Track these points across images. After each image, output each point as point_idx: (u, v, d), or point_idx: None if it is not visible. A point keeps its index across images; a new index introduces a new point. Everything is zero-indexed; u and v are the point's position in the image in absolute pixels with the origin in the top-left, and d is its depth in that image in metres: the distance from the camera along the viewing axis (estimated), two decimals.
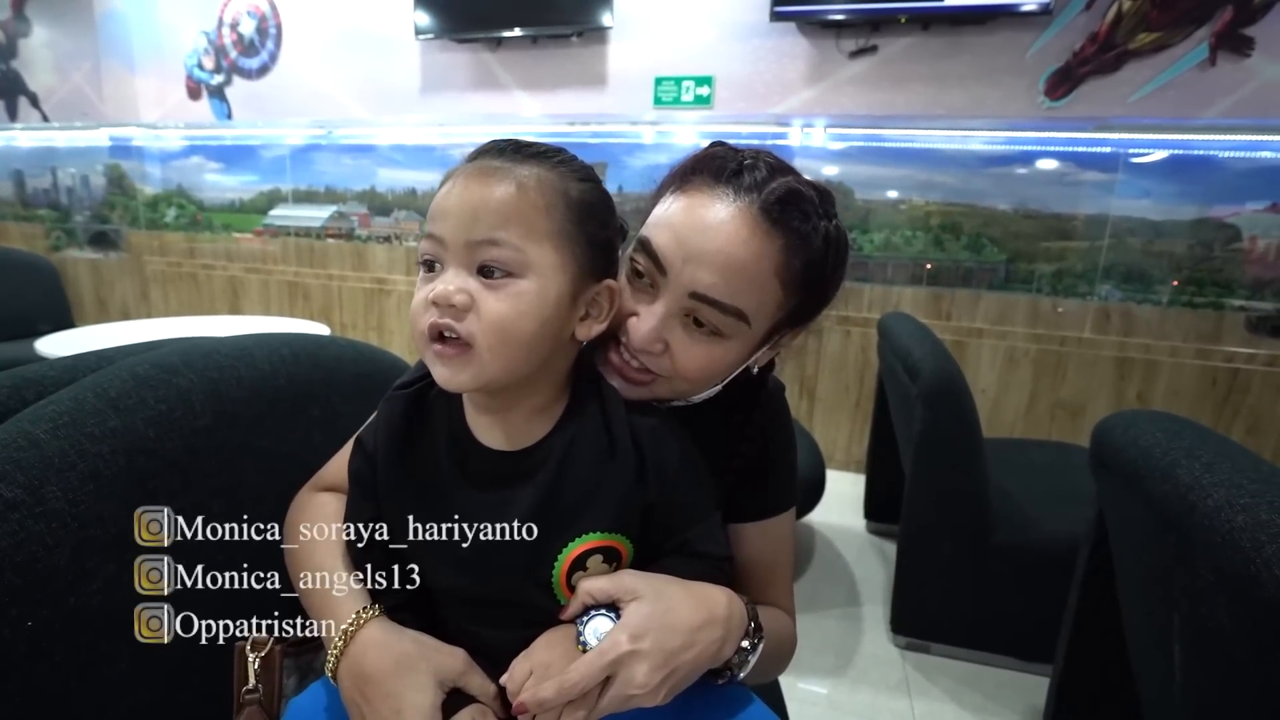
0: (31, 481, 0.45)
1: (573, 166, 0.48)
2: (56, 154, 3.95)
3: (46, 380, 0.57)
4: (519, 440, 0.49)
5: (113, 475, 0.51)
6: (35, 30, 3.87)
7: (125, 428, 0.53)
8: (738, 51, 2.53)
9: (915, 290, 2.43)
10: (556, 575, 0.47)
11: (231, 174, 3.51)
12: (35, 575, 0.44)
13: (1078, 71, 2.22)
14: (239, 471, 0.63)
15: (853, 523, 2.07)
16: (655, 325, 0.49)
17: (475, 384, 0.45)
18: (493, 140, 0.47)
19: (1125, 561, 0.78)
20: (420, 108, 3.04)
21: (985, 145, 2.34)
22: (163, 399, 0.57)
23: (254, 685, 0.49)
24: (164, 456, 0.56)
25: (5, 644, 0.42)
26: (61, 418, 0.50)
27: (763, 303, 0.50)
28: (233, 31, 3.34)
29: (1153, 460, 0.60)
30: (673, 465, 0.50)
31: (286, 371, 0.72)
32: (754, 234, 0.48)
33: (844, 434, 2.57)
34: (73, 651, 0.46)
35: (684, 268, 0.48)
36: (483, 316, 0.43)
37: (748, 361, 0.54)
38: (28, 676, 0.43)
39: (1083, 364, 2.25)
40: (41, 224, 4.04)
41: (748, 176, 0.49)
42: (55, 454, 0.48)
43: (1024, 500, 1.39)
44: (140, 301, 3.76)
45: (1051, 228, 2.30)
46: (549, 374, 0.49)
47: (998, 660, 1.37)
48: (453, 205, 0.44)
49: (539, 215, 0.44)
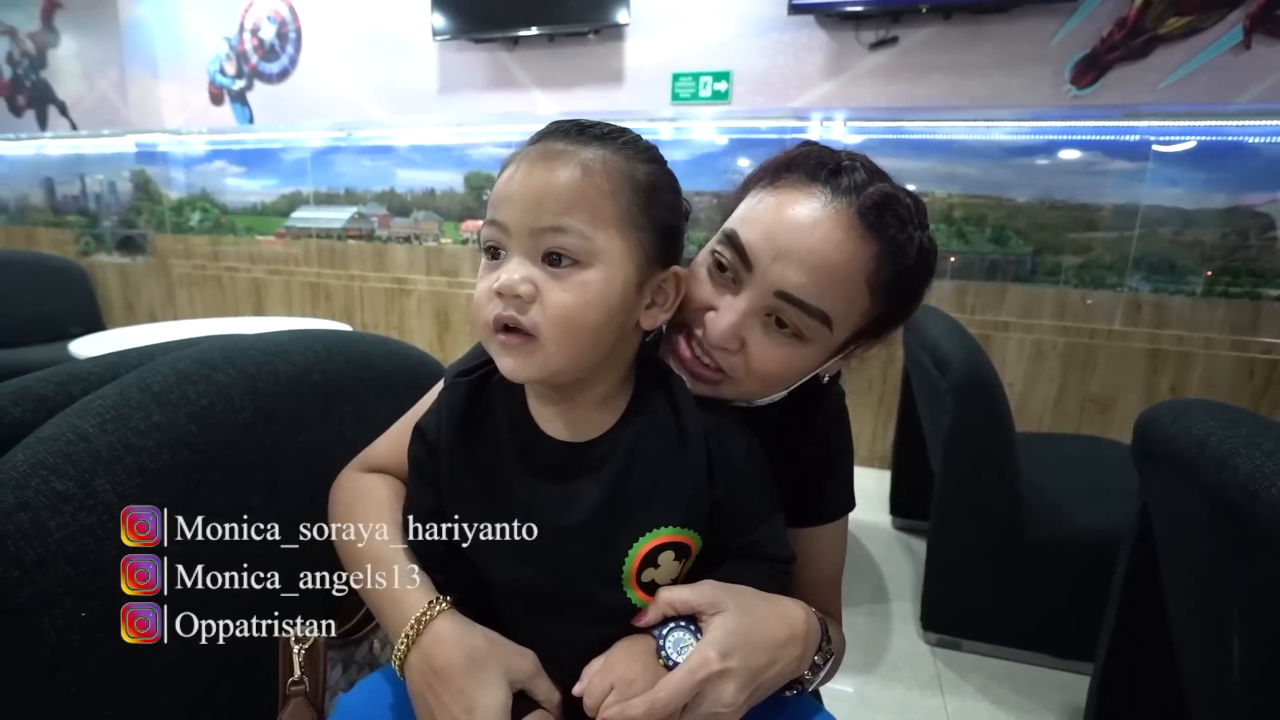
0: (82, 475, 0.46)
1: (638, 147, 0.46)
2: (85, 161, 4.03)
3: (91, 377, 0.58)
4: (584, 431, 0.48)
5: (158, 469, 0.51)
6: (63, 40, 3.96)
7: (169, 422, 0.54)
8: (755, 45, 2.52)
9: (939, 284, 2.40)
10: (627, 571, 0.46)
11: (254, 177, 3.56)
12: (87, 567, 0.44)
13: (1105, 59, 2.17)
14: (277, 466, 0.63)
15: (878, 519, 2.05)
16: (736, 321, 0.48)
17: (541, 375, 0.44)
18: (555, 121, 0.46)
19: (1173, 555, 0.76)
20: (438, 108, 3.06)
21: (1009, 136, 2.30)
22: (204, 394, 0.58)
23: (299, 677, 0.49)
24: (205, 450, 0.56)
25: (60, 634, 0.43)
26: (108, 412, 0.51)
27: (849, 308, 0.48)
28: (254, 37, 3.39)
29: (1207, 449, 0.58)
30: (740, 463, 0.49)
31: (320, 367, 0.72)
32: (848, 237, 0.47)
33: (867, 429, 2.54)
34: (123, 643, 0.47)
35: (772, 265, 0.47)
36: (548, 308, 0.42)
37: (819, 369, 0.53)
38: (82, 667, 0.44)
39: (1113, 357, 2.20)
40: (71, 230, 4.13)
41: (845, 178, 0.48)
42: (103, 448, 0.48)
43: (1057, 494, 1.36)
44: (166, 304, 3.83)
45: (1078, 218, 2.25)
46: (613, 364, 0.48)
47: (1031, 657, 1.34)
48: (516, 190, 0.42)
49: (605, 200, 0.42)
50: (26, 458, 0.45)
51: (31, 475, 0.44)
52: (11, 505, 0.42)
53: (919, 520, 1.92)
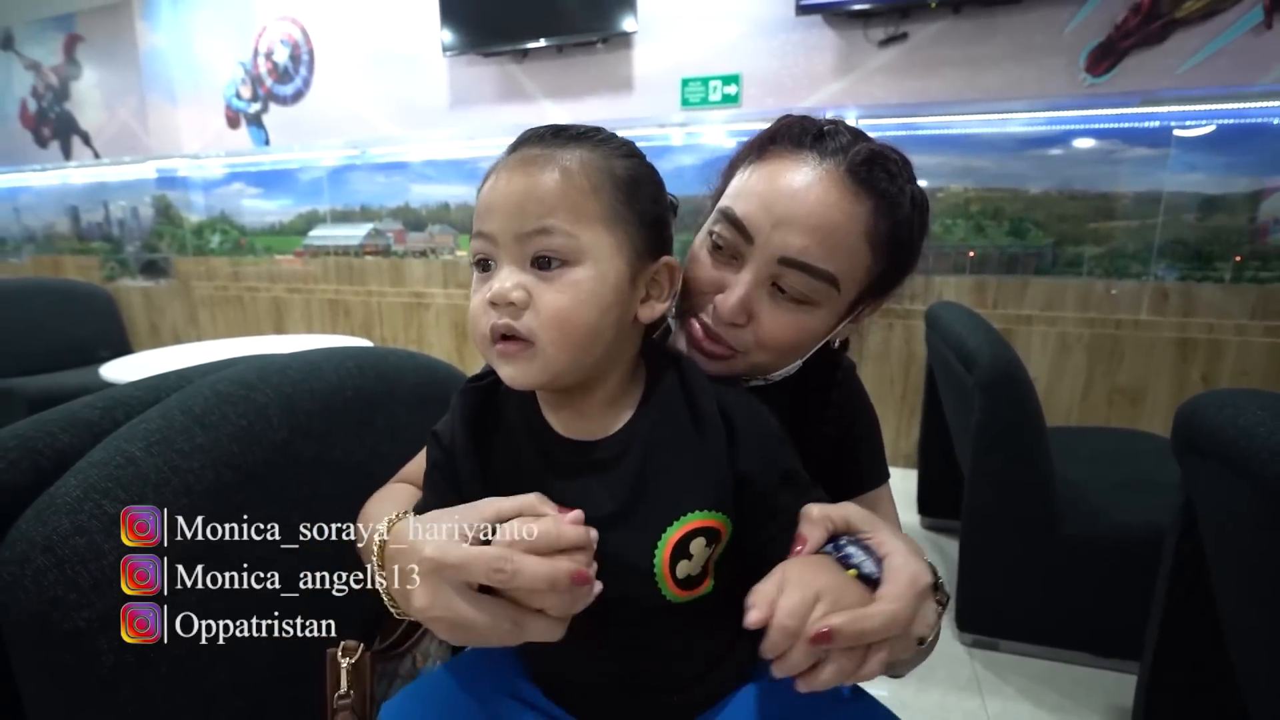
0: (131, 497, 0.47)
1: (614, 144, 0.47)
2: (108, 189, 4.13)
3: (134, 401, 0.59)
4: (599, 429, 0.48)
5: (203, 489, 0.52)
6: (85, 72, 4.06)
7: (211, 443, 0.54)
8: (764, 47, 2.52)
9: (959, 279, 2.37)
10: (659, 564, 0.44)
11: (271, 198, 3.62)
12: None
13: (1120, 45, 2.14)
14: (314, 483, 0.64)
15: (907, 518, 2.01)
16: (743, 294, 0.48)
17: (542, 380, 0.44)
18: (530, 129, 0.46)
19: (1222, 549, 0.74)
20: (449, 122, 3.10)
21: (1024, 127, 2.27)
22: (243, 414, 0.58)
23: (345, 691, 0.49)
24: (246, 470, 0.57)
25: (117, 655, 0.43)
26: (153, 435, 0.51)
27: (853, 266, 0.48)
28: (268, 60, 3.45)
29: (1258, 440, 0.57)
30: (769, 433, 0.47)
31: (352, 384, 0.73)
32: (843, 196, 0.47)
33: (890, 428, 2.52)
34: (176, 662, 0.47)
35: (773, 233, 0.47)
36: (541, 311, 0.42)
37: (831, 334, 0.53)
38: (138, 687, 0.44)
39: (1140, 347, 2.16)
40: (96, 256, 4.22)
41: (830, 141, 0.49)
42: (151, 470, 0.49)
43: (1091, 489, 1.33)
44: (190, 325, 3.90)
45: (1099, 208, 2.22)
46: (617, 360, 0.48)
47: (1072, 656, 1.31)
48: (498, 199, 0.43)
49: (587, 198, 0.42)
50: (79, 483, 0.46)
51: (84, 500, 0.45)
52: (67, 530, 0.43)
53: (948, 519, 1.89)
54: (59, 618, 0.41)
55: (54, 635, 0.41)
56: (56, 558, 0.42)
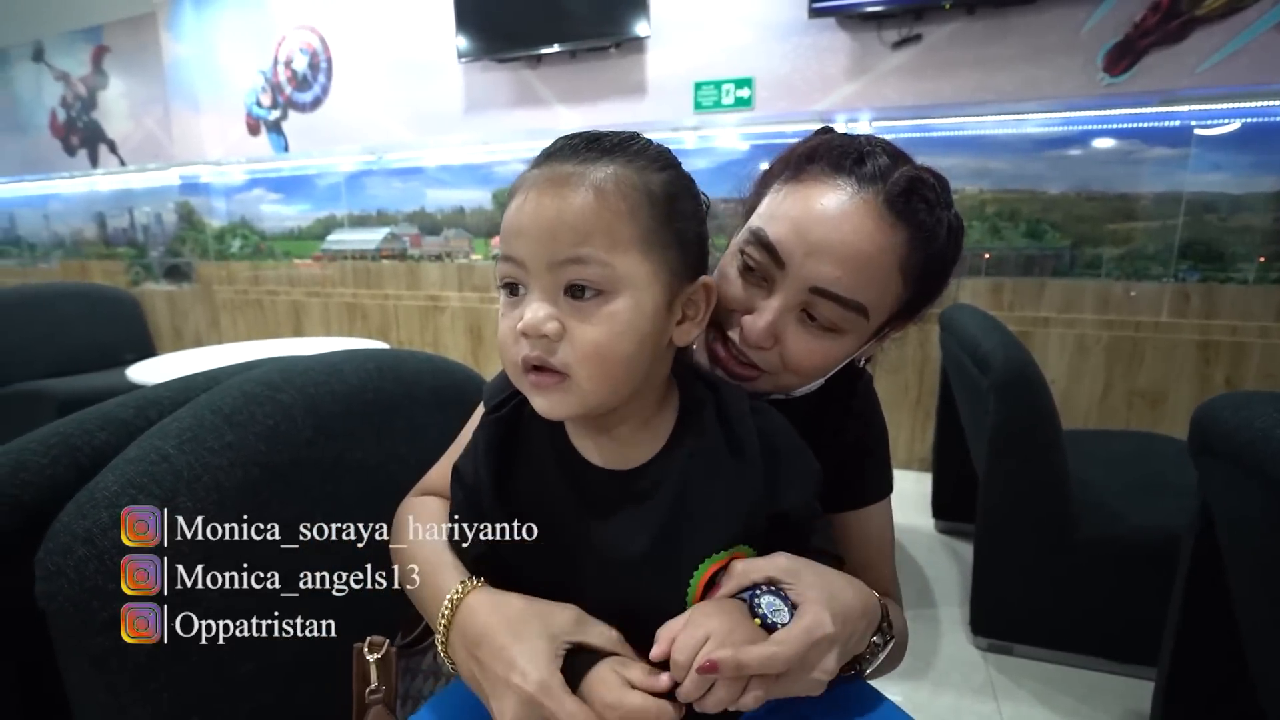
0: (165, 493, 0.49)
1: (650, 155, 0.43)
2: (133, 195, 4.23)
3: (165, 400, 0.61)
4: (632, 458, 0.46)
5: (232, 486, 0.54)
6: (112, 82, 4.17)
7: (240, 441, 0.56)
8: (777, 51, 2.52)
9: (974, 281, 2.36)
10: (691, 598, 0.44)
11: (290, 203, 3.68)
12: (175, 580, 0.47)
13: (1139, 44, 2.12)
14: (337, 481, 0.66)
15: (920, 522, 2.01)
16: (771, 320, 0.48)
17: (578, 412, 0.43)
18: (562, 137, 0.43)
19: (1238, 552, 0.73)
20: (464, 128, 3.13)
21: (1040, 128, 2.26)
22: (269, 414, 0.61)
23: (376, 685, 0.50)
24: (273, 468, 0.59)
25: (154, 644, 0.45)
26: (185, 434, 0.54)
27: (883, 296, 0.48)
28: (287, 68, 3.51)
29: (1274, 442, 0.57)
30: (810, 470, 0.48)
31: (373, 386, 0.75)
32: (879, 227, 0.46)
33: (904, 432, 2.50)
34: (207, 652, 0.49)
35: (805, 261, 0.47)
36: (577, 345, 0.40)
37: (855, 354, 0.53)
38: (171, 675, 0.46)
39: (1161, 349, 2.14)
40: (121, 261, 4.32)
41: (869, 165, 0.48)
42: (183, 467, 0.51)
43: (1108, 492, 1.32)
44: (211, 328, 3.98)
45: (1118, 209, 2.19)
46: (649, 384, 0.46)
47: (1089, 661, 1.30)
48: (528, 223, 0.40)
49: (622, 222, 0.40)
50: (116, 478, 0.48)
51: (121, 494, 0.47)
52: (106, 523, 0.45)
53: (962, 522, 1.88)
54: (99, 606, 0.43)
55: (94, 623, 0.43)
56: (96, 549, 0.44)
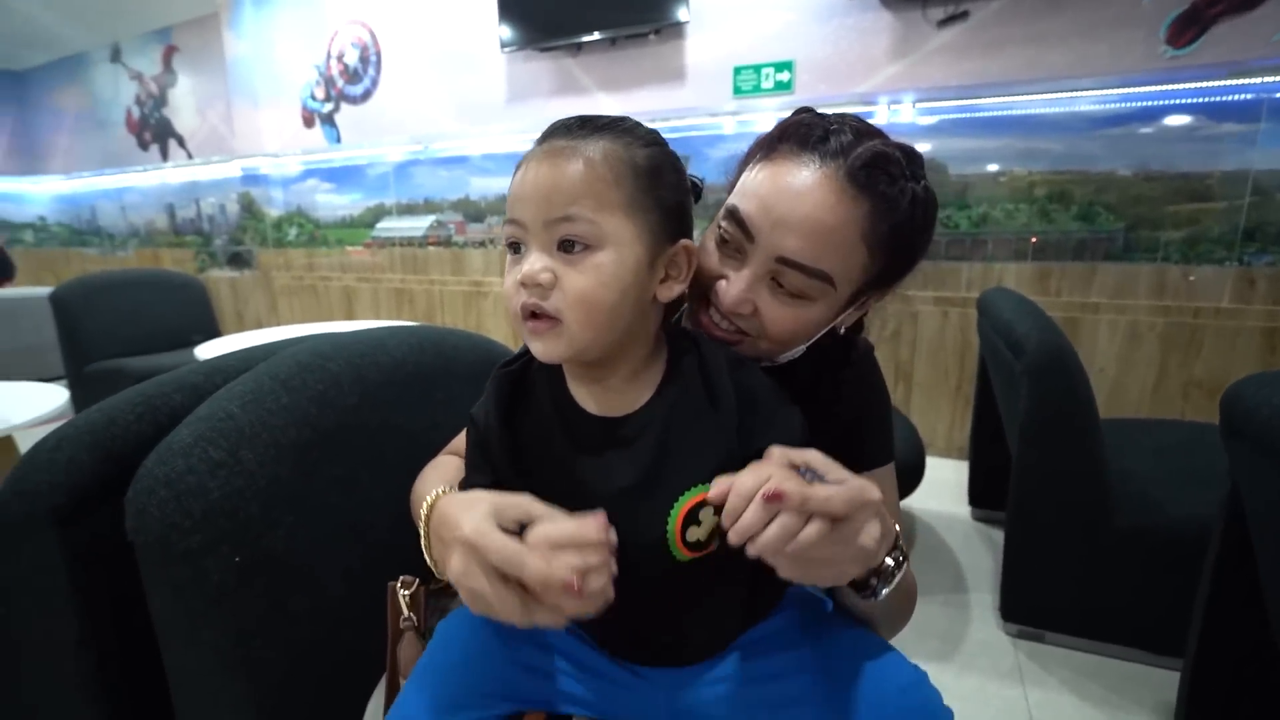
0: (232, 446, 0.55)
1: (637, 134, 0.49)
2: (199, 187, 4.48)
3: (230, 368, 0.68)
4: (622, 406, 0.51)
5: (288, 443, 0.60)
6: (180, 79, 4.41)
7: (294, 404, 0.63)
8: (818, 33, 2.49)
9: (1019, 266, 2.29)
10: (671, 531, 0.49)
11: (342, 193, 3.84)
12: (238, 521, 0.53)
13: (1206, 14, 2.01)
14: (380, 446, 0.72)
15: (957, 510, 1.99)
16: (743, 289, 0.52)
17: (569, 354, 0.48)
18: (559, 120, 0.49)
19: (1266, 538, 0.72)
20: (507, 117, 3.20)
21: (1095, 106, 2.16)
22: (320, 380, 0.67)
23: (408, 615, 0.56)
24: (322, 430, 0.65)
25: (221, 575, 0.52)
26: (247, 396, 0.60)
27: (848, 266, 0.51)
28: (339, 63, 3.65)
29: None
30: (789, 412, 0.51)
31: (414, 359, 0.81)
32: (840, 199, 0.49)
33: (944, 419, 2.46)
34: (266, 587, 0.55)
35: (771, 233, 0.50)
36: (567, 291, 0.46)
37: (834, 323, 0.55)
38: (236, 603, 0.53)
39: (1222, 337, 2.04)
40: (189, 249, 4.59)
41: (834, 141, 0.50)
42: (246, 425, 0.57)
43: (1150, 481, 1.29)
44: (270, 312, 4.19)
45: (1179, 189, 2.09)
46: (638, 337, 0.51)
47: (1120, 651, 1.28)
48: (528, 189, 0.46)
49: (608, 188, 0.46)
50: (189, 433, 0.54)
51: (194, 446, 0.53)
52: (181, 469, 0.51)
53: (999, 511, 1.85)
54: (176, 539, 0.50)
55: (173, 555, 0.50)
56: (174, 491, 0.50)
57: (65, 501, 0.52)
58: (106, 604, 0.55)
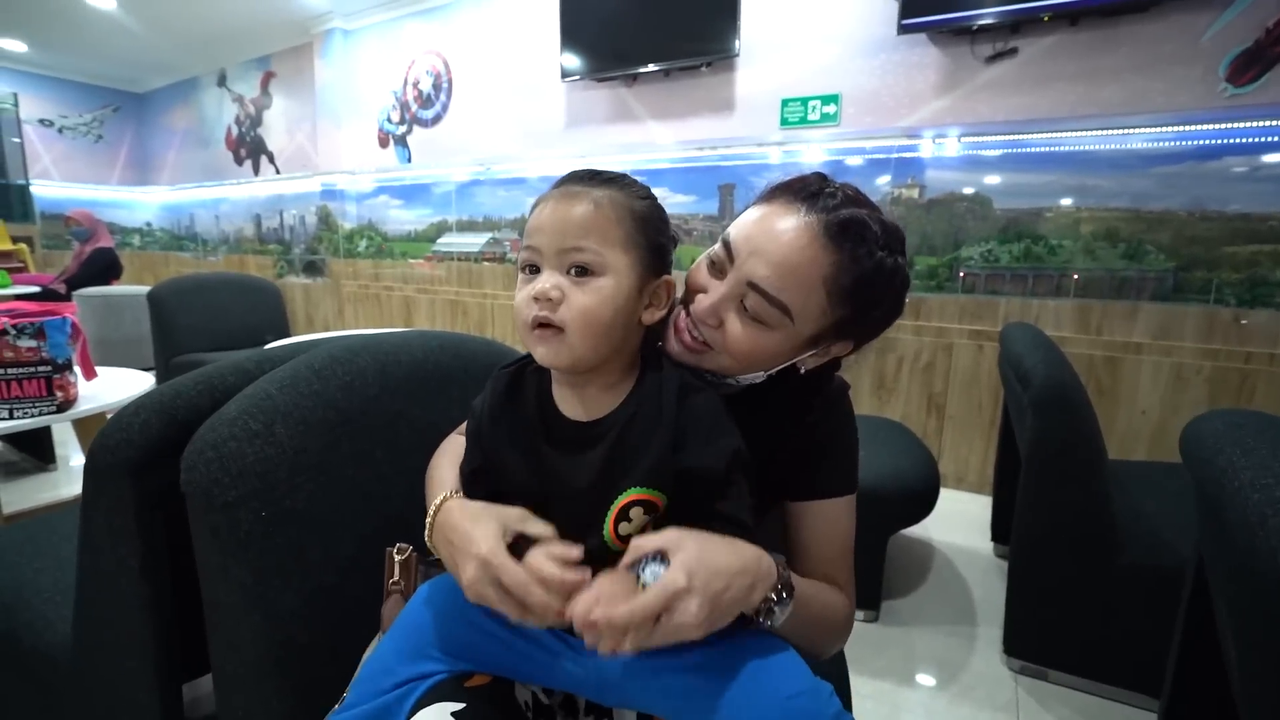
0: (268, 421, 0.67)
1: (635, 189, 0.59)
2: (283, 200, 4.88)
3: (276, 358, 0.81)
4: (593, 411, 0.59)
5: (315, 421, 0.71)
6: (275, 102, 4.84)
7: (323, 390, 0.74)
8: (864, 67, 2.54)
9: (1058, 303, 2.25)
10: (606, 523, 0.57)
11: (410, 209, 4.11)
12: (267, 482, 0.65)
13: (1271, 51, 1.96)
14: (397, 431, 0.83)
15: (979, 545, 1.96)
16: (715, 301, 0.60)
17: (568, 361, 0.56)
18: (573, 170, 0.59)
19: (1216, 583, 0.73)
20: (564, 142, 3.38)
21: (1148, 144, 2.12)
22: (348, 372, 0.78)
23: (397, 579, 0.66)
24: (346, 413, 0.76)
25: (250, 525, 0.63)
26: (284, 380, 0.72)
27: (807, 305, 0.58)
28: (414, 88, 3.94)
29: (1214, 467, 0.58)
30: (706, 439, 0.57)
31: (434, 360, 0.92)
32: (811, 244, 0.57)
33: (977, 454, 2.42)
34: (286, 539, 0.66)
35: (748, 260, 0.58)
36: (572, 306, 0.54)
37: (794, 360, 0.62)
38: (261, 550, 0.64)
39: (1275, 384, 1.94)
40: (271, 256, 4.99)
41: (823, 200, 0.58)
42: (281, 404, 0.69)
43: (1163, 522, 1.26)
44: (337, 318, 4.50)
45: (1237, 230, 2.02)
46: (620, 352, 0.59)
47: (1123, 695, 1.25)
48: (546, 222, 0.56)
49: (611, 226, 0.55)
50: (236, 408, 0.66)
51: (238, 419, 0.65)
52: (225, 437, 0.63)
53: None
54: (217, 493, 0.61)
55: (214, 505, 0.61)
56: (219, 454, 0.62)
57: (138, 456, 0.65)
58: (163, 542, 0.67)
